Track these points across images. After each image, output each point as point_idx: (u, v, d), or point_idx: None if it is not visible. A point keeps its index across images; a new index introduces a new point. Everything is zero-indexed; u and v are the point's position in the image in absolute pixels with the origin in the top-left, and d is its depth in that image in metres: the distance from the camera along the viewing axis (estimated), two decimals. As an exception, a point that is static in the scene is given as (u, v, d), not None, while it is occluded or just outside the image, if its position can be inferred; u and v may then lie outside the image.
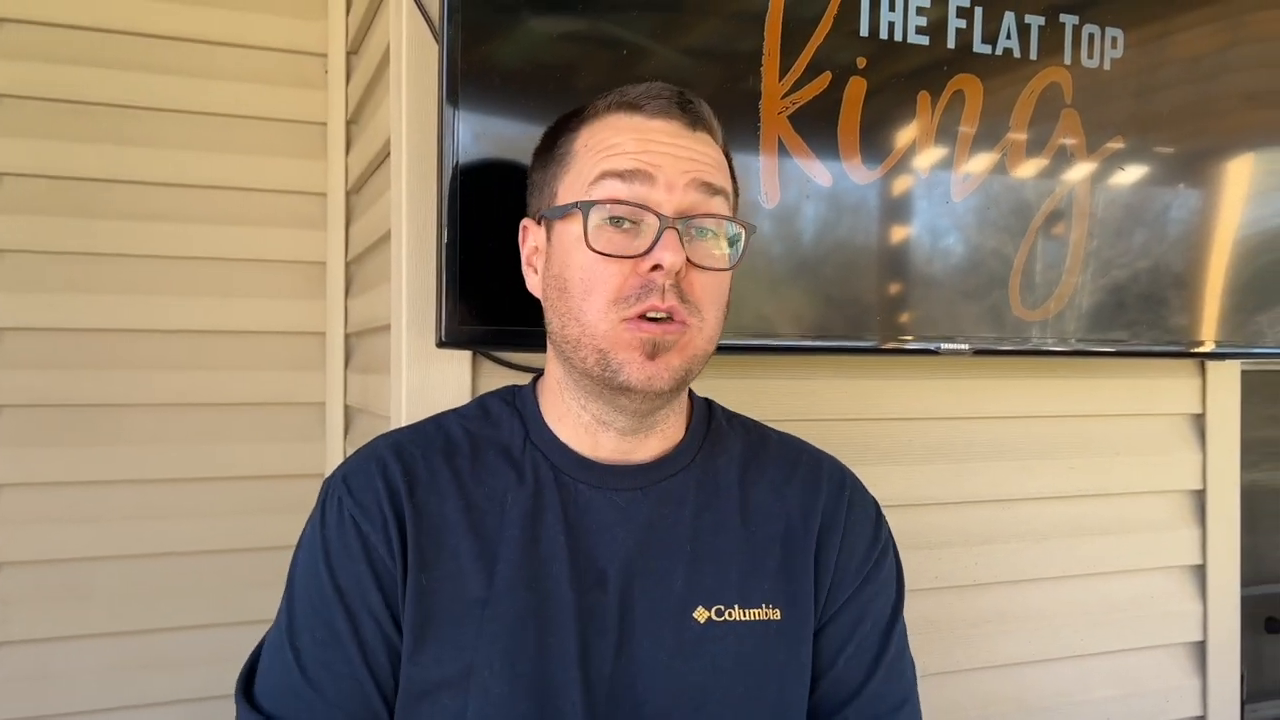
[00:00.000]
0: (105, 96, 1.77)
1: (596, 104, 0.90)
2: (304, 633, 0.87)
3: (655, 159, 0.85)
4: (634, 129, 0.87)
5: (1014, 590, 1.65)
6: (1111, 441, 1.71)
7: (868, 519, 0.99)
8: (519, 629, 0.86)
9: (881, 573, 0.98)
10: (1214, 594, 1.78)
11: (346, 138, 1.90)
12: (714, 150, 0.90)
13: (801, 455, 1.01)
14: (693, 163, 0.86)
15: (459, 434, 0.94)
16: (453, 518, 0.89)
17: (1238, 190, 1.62)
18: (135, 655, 1.77)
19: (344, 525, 0.88)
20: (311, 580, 0.88)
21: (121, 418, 1.79)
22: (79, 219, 1.76)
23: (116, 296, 1.78)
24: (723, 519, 0.93)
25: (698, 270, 0.86)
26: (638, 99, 0.87)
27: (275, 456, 1.87)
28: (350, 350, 1.91)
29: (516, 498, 0.90)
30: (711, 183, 0.87)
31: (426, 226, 1.25)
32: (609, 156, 0.86)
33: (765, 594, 0.92)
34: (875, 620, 0.96)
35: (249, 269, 1.86)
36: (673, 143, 0.86)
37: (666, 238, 0.83)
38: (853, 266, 1.37)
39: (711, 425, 0.99)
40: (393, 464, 0.90)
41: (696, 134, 0.88)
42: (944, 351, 1.42)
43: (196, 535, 1.81)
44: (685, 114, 0.87)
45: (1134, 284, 1.55)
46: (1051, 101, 1.46)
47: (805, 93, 1.30)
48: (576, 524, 0.90)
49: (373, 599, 0.87)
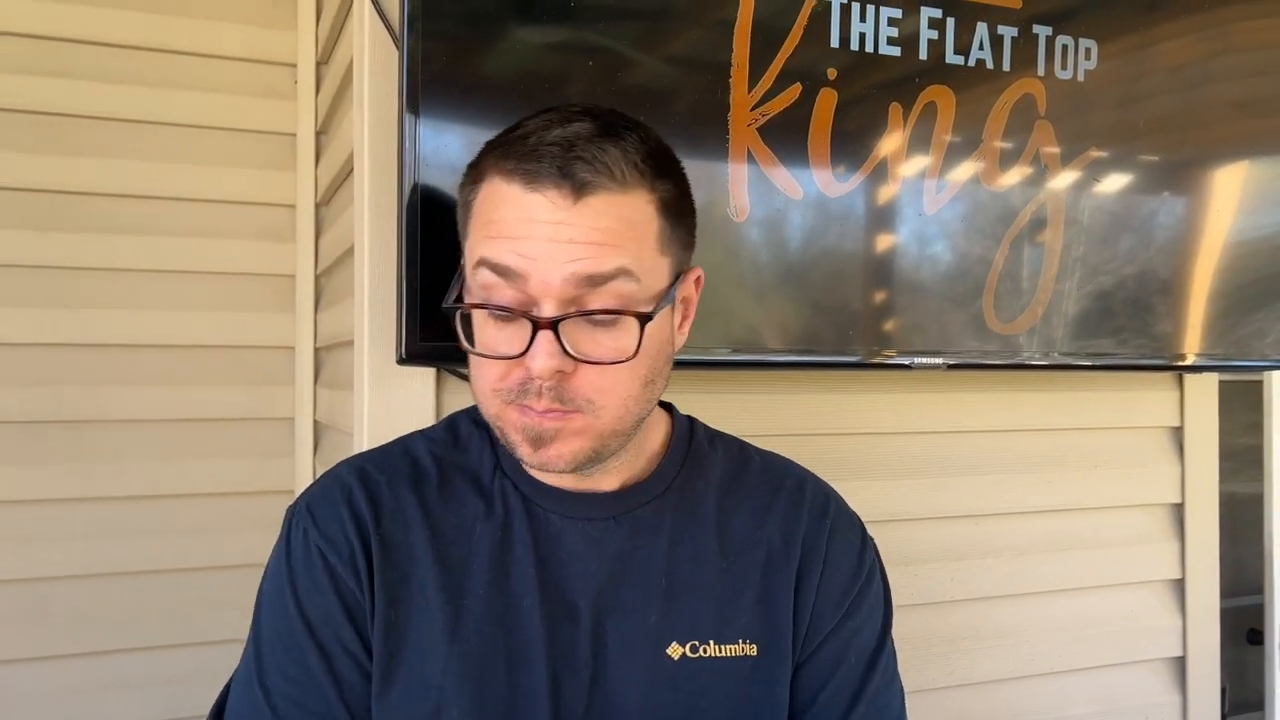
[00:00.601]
0: (69, 107, 1.74)
1: (488, 151, 0.81)
2: (273, 670, 0.84)
3: (531, 248, 0.75)
4: (513, 203, 0.76)
5: (991, 606, 1.63)
6: (1089, 455, 1.70)
7: (850, 548, 0.95)
8: (488, 666, 0.84)
9: (865, 604, 0.94)
10: (1194, 608, 1.77)
11: (316, 149, 1.88)
12: (608, 220, 0.76)
13: (785, 480, 0.96)
14: (572, 250, 0.75)
15: (426, 460, 0.90)
16: (419, 549, 0.86)
17: (1214, 203, 1.61)
18: (97, 677, 1.73)
19: (310, 557, 0.85)
20: (280, 616, 0.85)
21: (84, 433, 1.75)
22: (37, 232, 1.72)
23: (78, 311, 1.74)
24: (699, 549, 0.90)
25: (588, 366, 0.77)
26: (518, 165, 0.76)
27: (243, 472, 1.84)
28: (319, 365, 1.88)
29: (485, 529, 0.87)
30: (596, 273, 0.75)
31: (388, 240, 1.22)
32: (487, 239, 0.77)
33: (742, 629, 0.88)
34: (859, 654, 0.93)
35: (217, 282, 1.83)
36: (553, 223, 0.75)
37: (539, 342, 0.75)
38: (825, 280, 1.35)
39: (692, 447, 0.95)
40: (358, 492, 0.87)
41: (586, 203, 0.75)
42: (918, 366, 1.41)
43: (161, 554, 1.77)
44: (569, 181, 0.75)
45: (1111, 296, 1.53)
46: (1025, 113, 1.45)
47: (775, 104, 1.28)
48: (547, 555, 0.87)
49: (345, 633, 0.84)
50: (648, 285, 0.78)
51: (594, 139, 0.76)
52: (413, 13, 1.12)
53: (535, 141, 0.76)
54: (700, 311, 1.30)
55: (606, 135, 0.77)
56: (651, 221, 0.79)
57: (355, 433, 1.30)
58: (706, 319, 1.30)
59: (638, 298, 0.77)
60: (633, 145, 0.78)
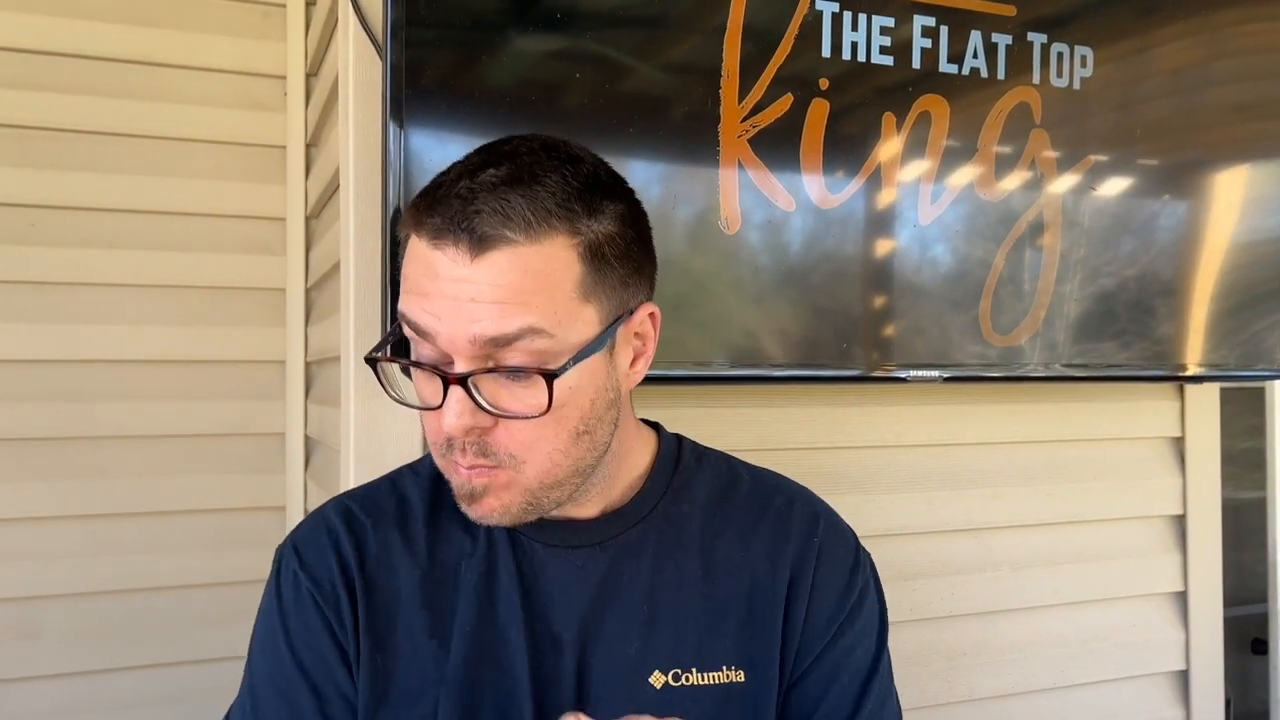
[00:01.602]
0: (54, 121, 1.72)
1: (414, 198, 0.78)
2: (268, 712, 0.84)
3: (438, 306, 0.73)
4: (422, 261, 0.74)
5: (990, 621, 1.61)
6: (1089, 467, 1.68)
7: (841, 568, 0.92)
8: (477, 705, 0.83)
9: (857, 624, 0.92)
10: (1196, 621, 1.75)
11: (306, 161, 1.86)
12: (512, 275, 0.72)
13: (774, 498, 0.94)
14: (474, 310, 0.72)
15: (414, 498, 0.90)
16: (405, 593, 0.85)
17: (1212, 211, 1.59)
18: (87, 696, 1.71)
19: (302, 601, 0.84)
20: (273, 659, 0.85)
21: (73, 450, 1.73)
22: (25, 246, 1.71)
23: (68, 326, 1.73)
24: (683, 574, 0.88)
25: (509, 421, 0.75)
26: (424, 218, 0.74)
27: (234, 488, 1.82)
28: (310, 379, 1.87)
29: (470, 564, 0.86)
30: (499, 335, 0.72)
31: (372, 254, 1.21)
32: (405, 293, 0.76)
33: (727, 654, 0.86)
34: (852, 675, 0.91)
35: (207, 296, 1.81)
36: (455, 280, 0.72)
37: (449, 400, 0.74)
38: (818, 293, 1.33)
39: (678, 469, 0.93)
40: (343, 535, 0.86)
41: (486, 259, 0.72)
42: (913, 379, 1.39)
43: (151, 571, 1.75)
44: (468, 235, 0.72)
45: (1109, 306, 1.51)
46: (1020, 121, 1.43)
47: (766, 115, 1.27)
48: (532, 585, 0.86)
49: (339, 676, 0.84)
50: (564, 338, 0.74)
51: (499, 187, 0.73)
52: (396, 23, 1.11)
53: (444, 193, 0.74)
54: (693, 325, 1.29)
55: (516, 183, 0.73)
56: (569, 270, 0.74)
57: (342, 449, 1.28)
58: (699, 332, 1.29)
59: (552, 351, 0.74)
60: (550, 188, 0.74)
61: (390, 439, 1.21)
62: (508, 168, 0.75)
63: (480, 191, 0.73)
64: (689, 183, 1.24)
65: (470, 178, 0.74)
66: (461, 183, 0.74)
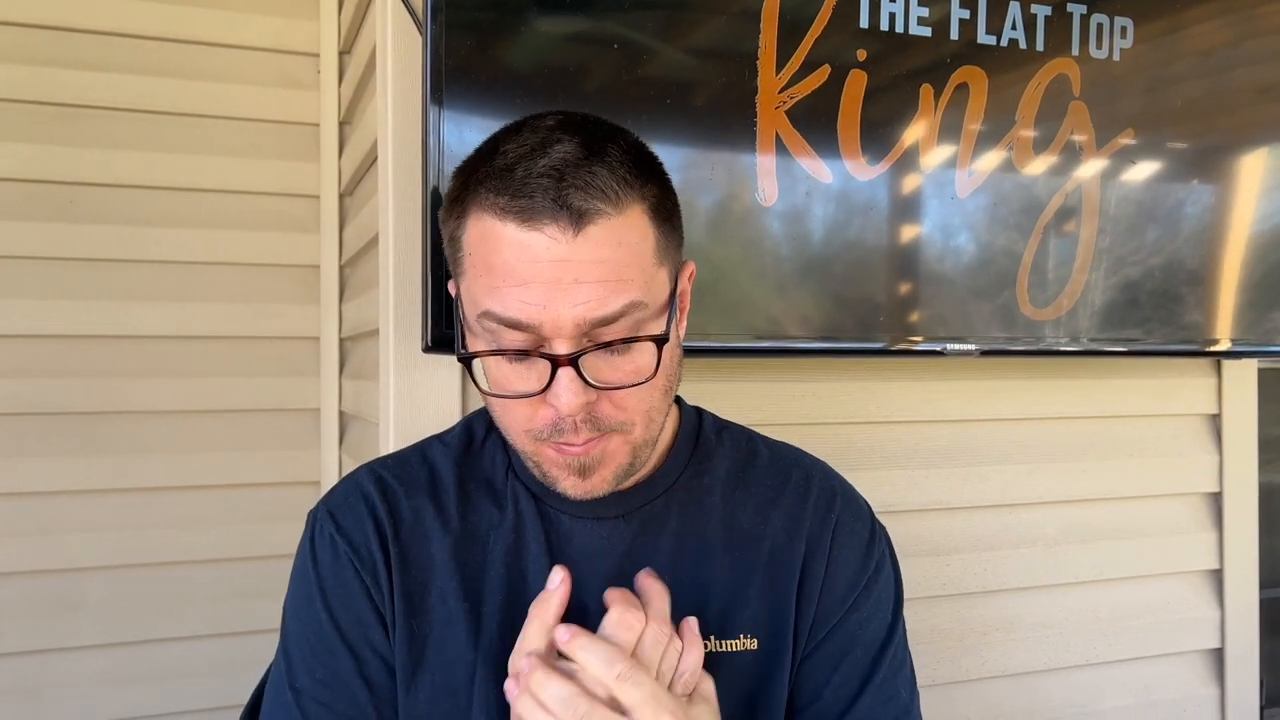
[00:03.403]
0: (91, 99, 1.74)
1: (471, 184, 0.77)
2: (303, 674, 0.85)
3: (537, 295, 0.73)
4: (514, 246, 0.73)
5: (1024, 597, 1.60)
6: (1125, 443, 1.67)
7: (858, 541, 0.93)
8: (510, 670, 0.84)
9: (872, 596, 0.93)
10: (1232, 599, 1.74)
11: (339, 139, 1.87)
12: (609, 249, 0.73)
13: (792, 471, 0.95)
14: (578, 293, 0.73)
15: (444, 469, 0.91)
16: (438, 559, 0.86)
17: (1253, 184, 1.57)
18: (127, 667, 1.75)
19: (339, 563, 0.85)
20: (309, 622, 0.85)
21: (112, 425, 1.76)
22: (64, 224, 1.73)
23: (106, 302, 1.75)
24: (704, 545, 0.90)
25: (611, 391, 0.77)
26: (510, 202, 0.73)
27: (269, 464, 1.84)
28: (345, 356, 1.88)
29: (499, 534, 0.88)
30: (604, 315, 0.73)
31: (413, 230, 1.21)
32: (490, 290, 0.75)
33: (744, 623, 0.88)
34: (866, 646, 0.92)
35: (240, 273, 1.83)
36: (556, 262, 0.72)
37: (561, 380, 0.74)
38: (856, 266, 1.33)
39: (700, 441, 0.94)
40: (378, 502, 0.87)
41: (586, 233, 0.73)
42: (950, 353, 1.38)
43: (189, 545, 1.78)
44: (567, 212, 0.72)
45: (1146, 281, 1.50)
46: (1059, 94, 1.41)
47: (803, 87, 1.26)
48: (560, 555, 0.87)
49: (376, 637, 0.85)
50: (655, 303, 0.77)
51: (582, 162, 0.74)
52: (436, 2, 1.11)
53: (524, 174, 0.73)
54: (726, 298, 1.29)
55: (593, 155, 0.75)
56: (648, 234, 0.77)
57: (381, 422, 1.29)
58: (733, 306, 1.28)
59: (648, 319, 0.77)
60: (617, 158, 0.75)
61: (429, 413, 1.22)
62: (575, 143, 0.75)
63: (566, 169, 0.73)
64: (727, 155, 1.23)
65: (544, 155, 0.74)
66: (540, 162, 0.74)
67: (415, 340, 1.20)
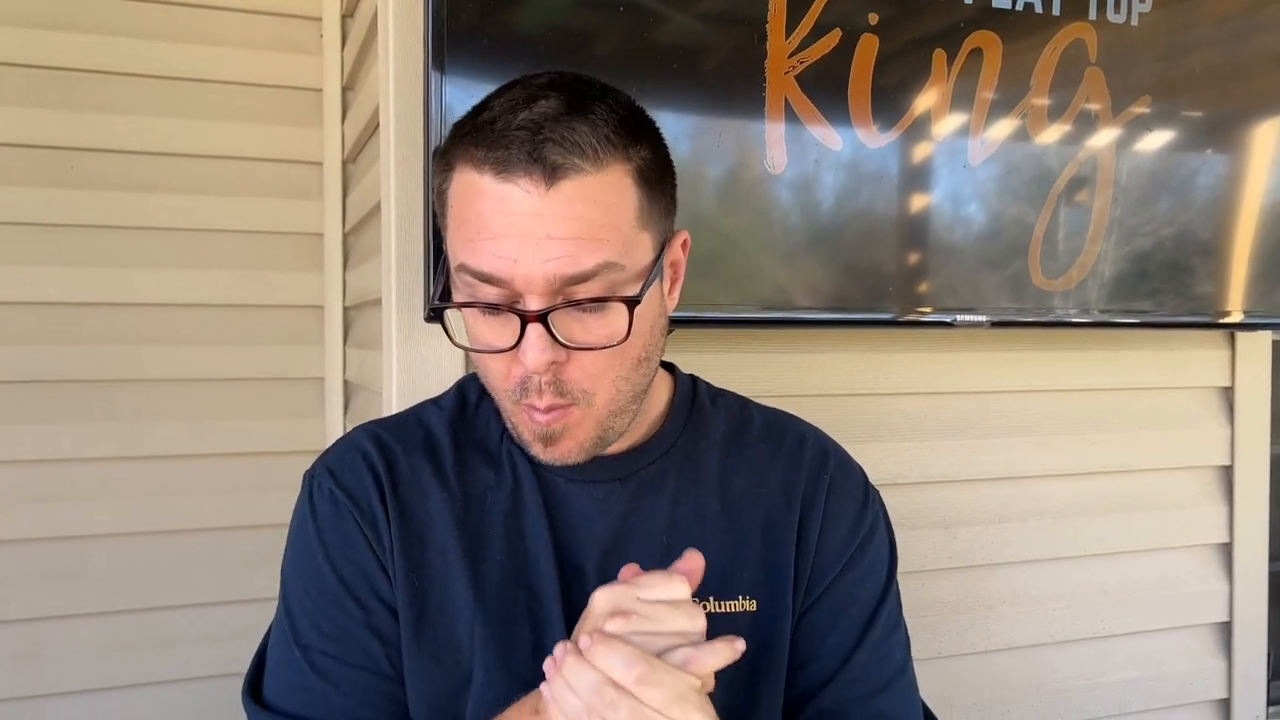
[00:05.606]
0: (90, 63, 1.72)
1: (457, 137, 0.77)
2: (309, 630, 0.84)
3: (509, 248, 0.73)
4: (489, 198, 0.73)
5: (1032, 570, 1.59)
6: (1135, 416, 1.65)
7: (851, 502, 0.94)
8: (512, 627, 0.84)
9: (867, 557, 0.93)
10: (1241, 573, 1.73)
11: (342, 104, 1.84)
12: (583, 206, 0.73)
13: (785, 434, 0.96)
14: (550, 248, 0.73)
15: (440, 432, 0.91)
16: (437, 515, 0.86)
17: (1269, 153, 1.54)
18: (130, 634, 1.75)
19: (340, 516, 0.85)
20: (311, 575, 0.85)
21: (115, 393, 1.75)
22: (66, 190, 1.71)
23: (107, 269, 1.73)
24: (701, 507, 0.90)
25: (581, 353, 0.76)
26: (487, 153, 0.73)
27: (273, 433, 1.83)
28: (349, 324, 1.87)
29: (496, 496, 0.88)
30: (576, 273, 0.73)
31: (415, 197, 1.20)
32: (467, 242, 0.75)
33: (743, 585, 0.88)
34: (861, 606, 0.92)
35: (243, 240, 1.81)
36: (529, 216, 0.72)
37: (529, 336, 0.74)
38: (865, 235, 1.31)
39: (695, 406, 0.95)
40: (376, 458, 0.87)
41: (559, 189, 0.72)
42: (961, 323, 1.36)
43: (192, 513, 1.78)
44: (540, 166, 0.72)
45: (1160, 252, 1.48)
46: (1075, 60, 1.38)
47: (813, 51, 1.23)
48: (557, 518, 0.87)
49: (381, 587, 0.85)
50: (632, 267, 0.76)
51: (562, 117, 0.73)
52: (438, -38, 1.09)
53: (503, 126, 0.73)
54: (733, 268, 1.27)
55: (575, 111, 0.74)
56: (629, 197, 0.76)
57: (384, 390, 1.28)
58: (740, 276, 1.27)
59: (623, 281, 0.76)
60: (602, 116, 0.75)
61: (432, 382, 1.21)
62: (561, 99, 0.74)
63: (545, 122, 0.73)
64: (734, 121, 1.21)
65: (526, 110, 0.74)
66: (520, 115, 0.73)
67: (417, 309, 1.19)
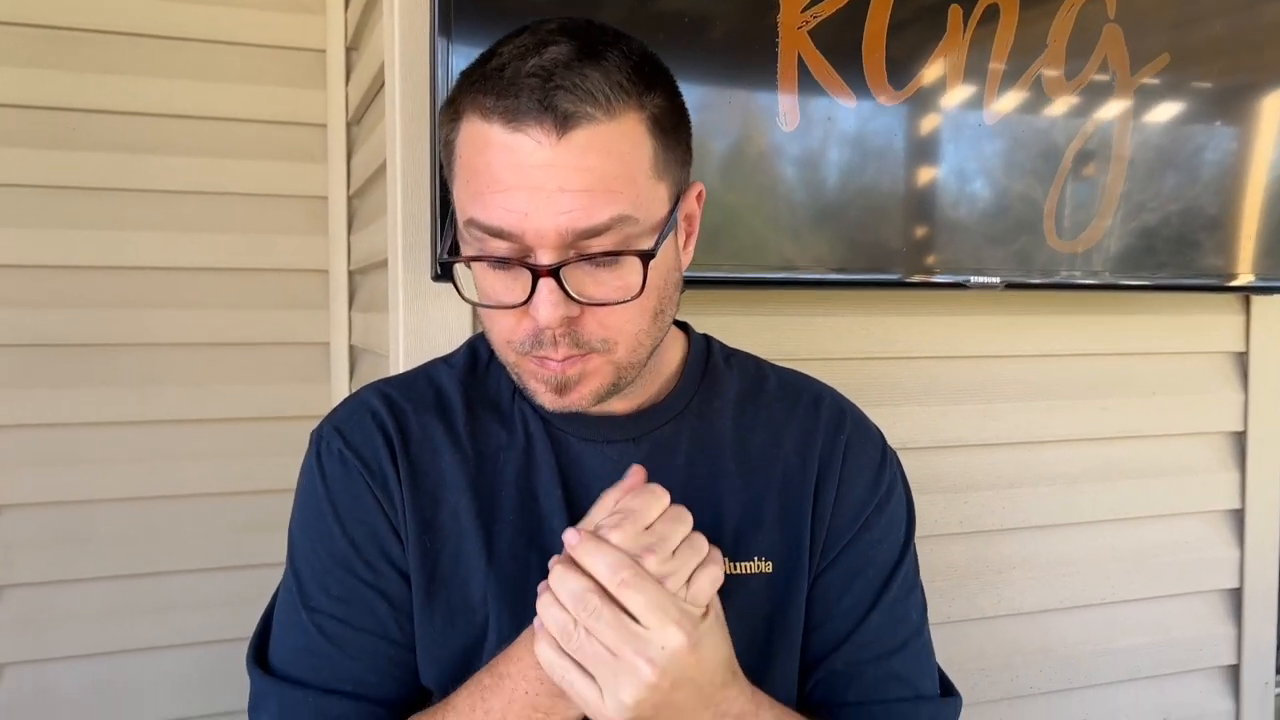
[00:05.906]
0: (90, 23, 1.69)
1: (465, 85, 0.75)
2: (318, 593, 0.83)
3: (520, 201, 0.71)
4: (498, 149, 0.71)
5: (1043, 535, 1.59)
6: (1148, 381, 1.64)
7: (868, 462, 0.93)
8: (525, 588, 0.82)
9: (884, 518, 0.92)
10: (1252, 539, 1.72)
11: (347, 65, 1.82)
12: (596, 156, 0.71)
13: (801, 395, 0.94)
14: (562, 201, 0.70)
15: (451, 390, 0.89)
16: (449, 475, 0.85)
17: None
18: (136, 598, 1.74)
19: (350, 477, 0.84)
20: (320, 537, 0.84)
21: (119, 358, 1.74)
22: (66, 151, 1.69)
23: (109, 232, 1.71)
24: (716, 468, 0.89)
25: (594, 308, 0.75)
26: (496, 102, 0.71)
27: (278, 398, 1.81)
28: (354, 288, 1.85)
29: (509, 456, 0.86)
30: (588, 227, 0.71)
31: (421, 157, 1.18)
32: (475, 196, 0.73)
33: (758, 546, 0.87)
34: (878, 568, 0.91)
35: (246, 203, 1.79)
36: (540, 168, 0.70)
37: (541, 291, 0.72)
38: (878, 195, 1.29)
39: (709, 366, 0.93)
40: (386, 418, 0.86)
41: (571, 138, 0.70)
42: (974, 285, 1.34)
43: (198, 478, 1.77)
44: (551, 114, 0.70)
45: (1177, 215, 1.46)
46: (1093, 16, 1.36)
47: (827, 6, 1.21)
48: (570, 477, 0.86)
49: (392, 550, 0.83)
50: (647, 219, 0.74)
51: (573, 64, 0.71)
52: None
53: (512, 74, 0.71)
54: (744, 227, 1.25)
55: (586, 58, 0.72)
56: (644, 146, 0.74)
57: (391, 353, 1.27)
58: (750, 235, 1.25)
59: (637, 234, 0.74)
60: (615, 63, 0.72)
61: (440, 343, 1.20)
62: (572, 45, 0.72)
63: (556, 69, 0.70)
64: (746, 77, 1.19)
65: (536, 56, 0.71)
66: (530, 61, 0.71)
67: (424, 269, 1.17)
